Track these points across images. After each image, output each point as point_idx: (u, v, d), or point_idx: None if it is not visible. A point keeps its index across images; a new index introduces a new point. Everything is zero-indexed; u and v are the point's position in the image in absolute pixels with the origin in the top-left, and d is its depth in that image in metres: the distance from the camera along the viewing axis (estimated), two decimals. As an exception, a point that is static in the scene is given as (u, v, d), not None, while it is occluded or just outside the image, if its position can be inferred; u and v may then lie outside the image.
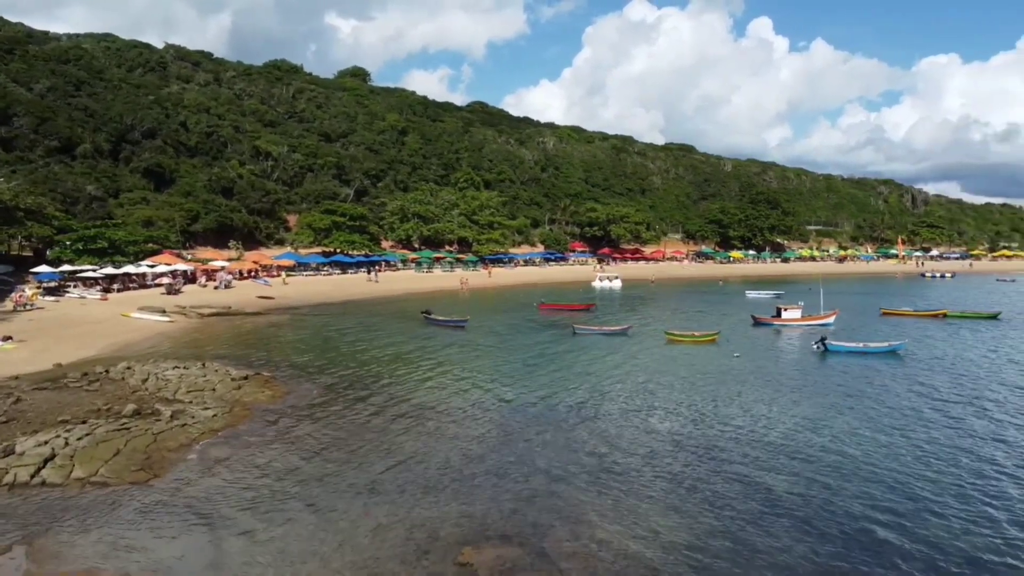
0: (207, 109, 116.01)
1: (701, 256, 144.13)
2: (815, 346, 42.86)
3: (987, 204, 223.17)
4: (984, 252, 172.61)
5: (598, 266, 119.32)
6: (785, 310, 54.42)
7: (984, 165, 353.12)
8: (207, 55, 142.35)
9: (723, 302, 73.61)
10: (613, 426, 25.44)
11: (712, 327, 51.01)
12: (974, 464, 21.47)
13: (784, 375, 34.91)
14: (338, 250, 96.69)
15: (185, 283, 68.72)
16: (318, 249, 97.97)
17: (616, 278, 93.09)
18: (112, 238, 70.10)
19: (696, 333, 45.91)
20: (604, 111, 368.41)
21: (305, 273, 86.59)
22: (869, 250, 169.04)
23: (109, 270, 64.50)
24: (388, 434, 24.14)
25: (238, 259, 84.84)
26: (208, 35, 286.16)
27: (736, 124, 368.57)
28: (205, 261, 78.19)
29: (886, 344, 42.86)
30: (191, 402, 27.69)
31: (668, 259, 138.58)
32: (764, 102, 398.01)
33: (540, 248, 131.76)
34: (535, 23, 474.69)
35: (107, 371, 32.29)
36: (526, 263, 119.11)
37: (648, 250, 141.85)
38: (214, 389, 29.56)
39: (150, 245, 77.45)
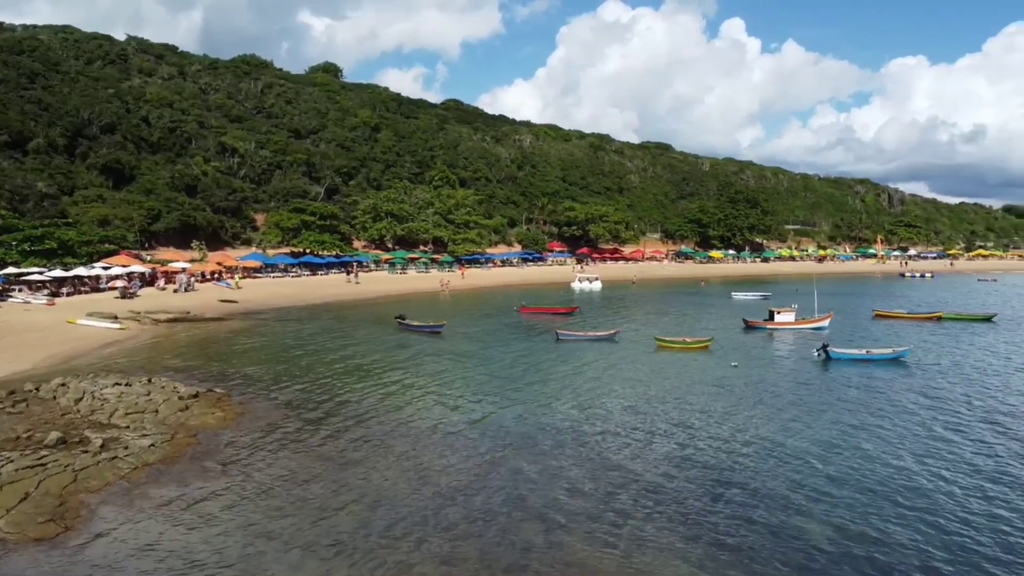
0: (170, 103, 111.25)
1: (681, 256, 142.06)
2: (816, 353, 40.33)
3: (961, 203, 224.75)
4: (960, 252, 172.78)
5: (577, 267, 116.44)
6: (778, 313, 51.84)
7: (951, 165, 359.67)
8: (171, 48, 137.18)
9: (708, 304, 71.09)
10: (608, 453, 22.37)
11: (703, 333, 48.30)
12: (1009, 496, 18.76)
13: (787, 388, 32.06)
14: (307, 250, 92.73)
15: (142, 286, 64.54)
16: (286, 249, 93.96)
17: (596, 279, 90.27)
18: (62, 238, 65.67)
19: (688, 340, 43.04)
20: (578, 111, 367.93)
21: (272, 275, 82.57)
22: (847, 250, 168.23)
23: (58, 272, 60.10)
24: (352, 467, 20.80)
25: (201, 260, 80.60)
26: (179, 32, 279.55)
27: (709, 124, 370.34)
28: (165, 262, 73.88)
29: (890, 351, 40.37)
30: (128, 427, 24.14)
31: (648, 259, 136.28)
32: (737, 102, 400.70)
33: (517, 248, 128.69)
34: (510, 23, 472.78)
35: (37, 389, 28.51)
36: (503, 263, 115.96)
37: (627, 250, 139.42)
38: (157, 411, 25.97)
39: (106, 245, 73.03)
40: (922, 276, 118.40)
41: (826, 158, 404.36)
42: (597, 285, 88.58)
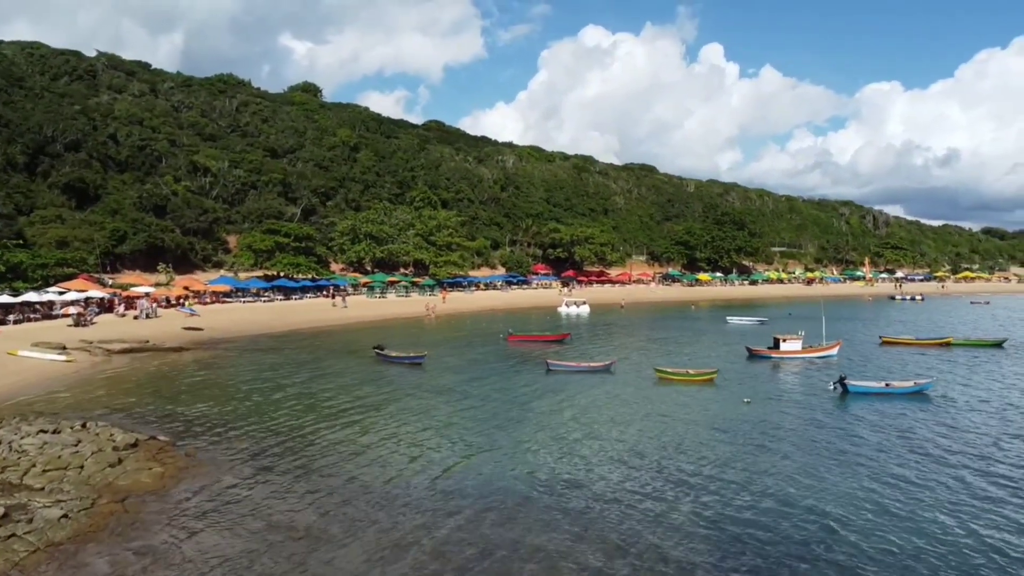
0: (140, 121, 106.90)
1: (668, 279, 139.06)
2: (832, 387, 36.97)
3: (944, 226, 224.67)
4: (947, 274, 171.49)
5: (564, 290, 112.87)
6: (784, 340, 48.46)
7: (925, 188, 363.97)
8: (144, 65, 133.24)
9: (703, 330, 67.73)
10: (615, 518, 18.66)
11: (705, 362, 44.92)
12: None
13: (806, 431, 28.43)
14: (281, 274, 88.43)
15: (100, 312, 60.07)
16: (259, 272, 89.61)
17: (583, 303, 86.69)
18: (12, 261, 61.04)
19: (691, 371, 39.45)
20: (559, 134, 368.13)
21: (243, 299, 78.13)
22: (835, 272, 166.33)
23: (5, 298, 55.48)
24: (313, 546, 16.81)
25: (167, 284, 76.10)
26: (159, 55, 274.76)
27: (689, 148, 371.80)
28: (127, 287, 69.35)
29: (912, 384, 37.01)
30: (43, 489, 20.09)
31: (634, 282, 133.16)
32: (716, 126, 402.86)
33: (501, 271, 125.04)
34: (492, 47, 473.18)
35: (-54, 438, 24.33)
36: (486, 287, 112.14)
37: (614, 273, 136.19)
38: (82, 467, 21.85)
39: (64, 269, 68.39)
40: (912, 299, 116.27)
41: (803, 181, 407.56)
42: (585, 310, 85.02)
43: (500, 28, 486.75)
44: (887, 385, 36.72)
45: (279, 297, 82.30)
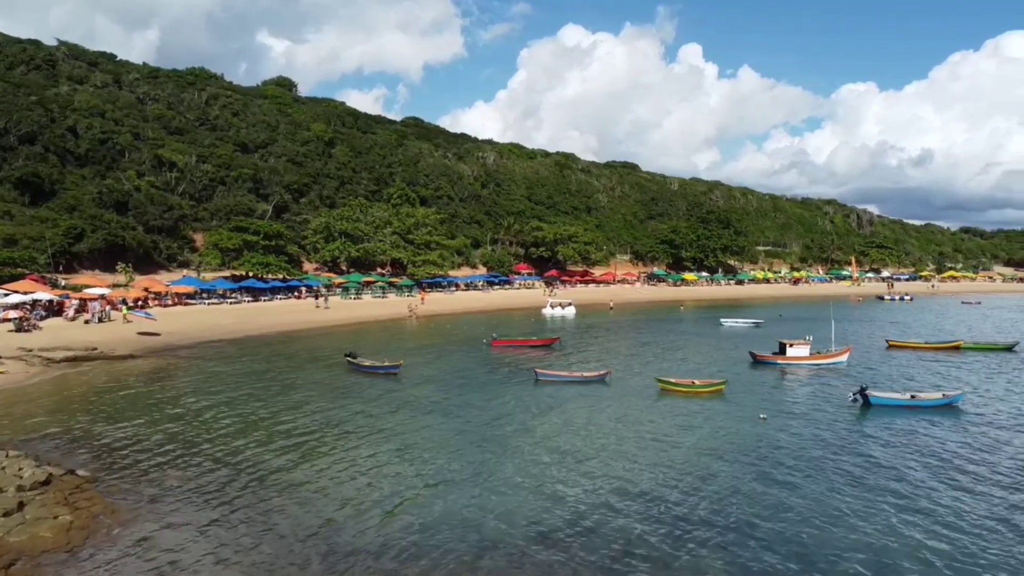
0: (102, 113, 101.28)
1: (653, 278, 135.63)
2: (851, 398, 33.56)
3: (928, 224, 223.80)
4: (932, 273, 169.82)
5: (547, 290, 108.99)
6: (790, 346, 44.91)
7: (900, 188, 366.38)
8: (109, 56, 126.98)
9: (697, 333, 64.11)
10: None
11: (709, 370, 41.30)
12: None
13: (835, 458, 24.76)
14: (250, 274, 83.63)
15: (47, 316, 55.21)
16: (227, 273, 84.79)
17: (569, 304, 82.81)
18: (-52, 260, 56.09)
19: (697, 382, 35.66)
20: (538, 133, 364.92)
21: (207, 301, 73.30)
22: (820, 271, 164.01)
23: (-64, 302, 50.54)
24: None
25: (126, 285, 71.12)
26: (134, 51, 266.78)
27: (667, 147, 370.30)
28: (81, 288, 64.38)
29: (940, 396, 33.51)
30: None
31: (619, 282, 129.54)
32: (694, 126, 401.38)
33: (482, 270, 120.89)
34: (472, 46, 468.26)
35: None
36: (467, 287, 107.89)
37: (598, 272, 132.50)
38: (-29, 515, 17.58)
39: (11, 269, 63.30)
40: (901, 299, 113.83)
41: (780, 181, 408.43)
42: (570, 311, 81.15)
43: (480, 27, 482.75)
44: (912, 397, 33.22)
45: (247, 299, 77.55)
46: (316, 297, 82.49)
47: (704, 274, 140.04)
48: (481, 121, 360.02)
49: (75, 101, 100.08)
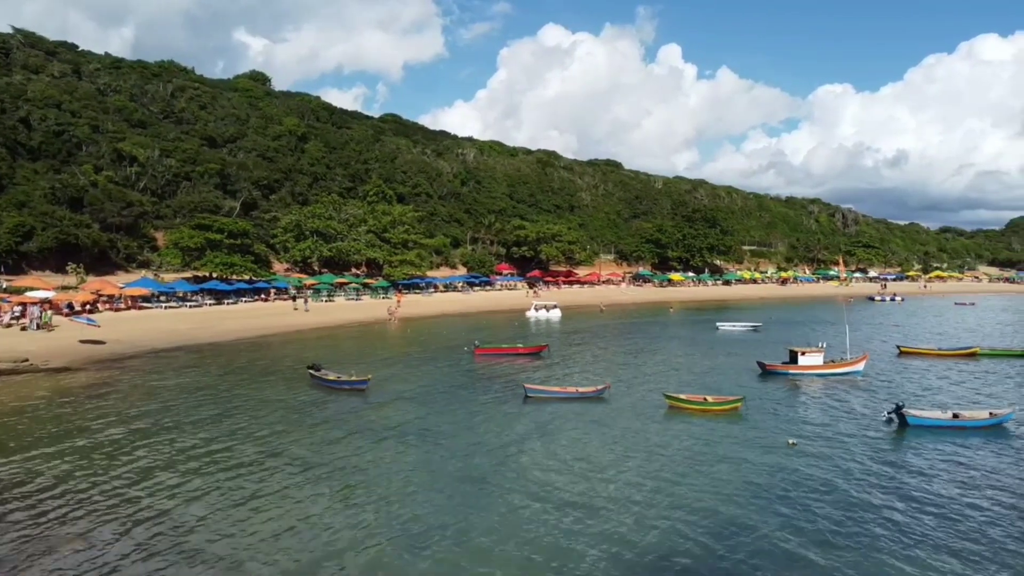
0: (58, 104, 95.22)
1: (639, 279, 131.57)
2: (886, 417, 29.51)
3: (912, 224, 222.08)
4: (918, 273, 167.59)
5: (531, 292, 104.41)
6: (803, 354, 40.76)
7: (875, 189, 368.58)
8: (69, 46, 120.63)
9: (692, 338, 59.90)
10: None
11: (717, 382, 37.04)
12: None
13: (877, 491, 20.80)
14: (214, 274, 78.17)
15: (-20, 322, 49.78)
16: (188, 273, 79.35)
17: (554, 307, 78.34)
18: None
19: (710, 398, 31.30)
20: (518, 133, 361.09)
21: (165, 305, 67.85)
22: (807, 271, 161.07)
23: None
24: None
25: (76, 288, 65.59)
26: (110, 48, 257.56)
27: (647, 148, 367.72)
28: (23, 290, 58.83)
29: (987, 415, 29.43)
30: None
31: (604, 282, 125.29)
32: (674, 127, 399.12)
33: (462, 271, 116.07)
34: (453, 45, 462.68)
35: None
36: (446, 288, 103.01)
37: (582, 272, 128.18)
38: None
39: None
40: (892, 299, 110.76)
41: (758, 181, 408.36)
42: (556, 314, 76.66)
43: (460, 26, 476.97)
44: (955, 416, 29.11)
45: (209, 302, 72.14)
46: (294, 299, 77.48)
47: (690, 274, 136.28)
48: (461, 120, 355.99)
49: (28, 91, 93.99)
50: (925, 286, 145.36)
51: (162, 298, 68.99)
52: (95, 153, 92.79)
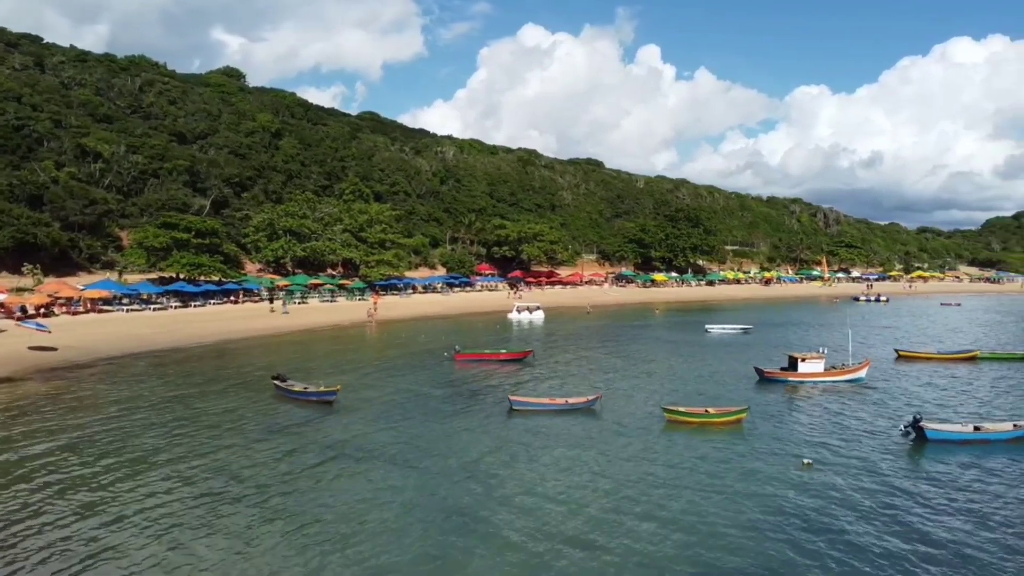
0: (18, 97, 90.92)
1: (622, 279, 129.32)
2: (903, 431, 27.31)
3: (892, 224, 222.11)
4: (900, 273, 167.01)
5: (512, 292, 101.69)
6: (802, 360, 38.49)
7: (851, 190, 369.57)
8: (33, 38, 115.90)
9: (681, 341, 57.50)
10: None
11: (713, 390, 34.65)
12: None
13: (900, 520, 18.47)
14: (180, 275, 74.58)
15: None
16: (154, 274, 75.74)
17: (537, 308, 75.73)
18: None
19: (712, 411, 28.84)
20: (497, 133, 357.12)
21: (127, 308, 64.32)
22: (790, 271, 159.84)
23: None
24: None
25: (31, 289, 61.91)
26: (84, 45, 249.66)
27: (626, 148, 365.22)
28: (-29, 293, 55.20)
29: (1011, 427, 27.33)
30: None
31: (586, 282, 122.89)
32: (653, 127, 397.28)
33: (441, 271, 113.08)
34: (432, 45, 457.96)
35: None
36: (424, 289, 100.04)
37: (564, 272, 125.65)
38: None
39: None
40: (877, 300, 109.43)
41: (736, 182, 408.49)
42: (539, 316, 74.08)
43: (440, 26, 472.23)
44: (977, 429, 26.93)
45: (175, 304, 68.65)
46: (271, 301, 74.23)
47: (674, 275, 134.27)
48: (441, 120, 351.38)
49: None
50: (910, 286, 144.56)
51: (124, 300, 65.44)
52: (57, 149, 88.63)
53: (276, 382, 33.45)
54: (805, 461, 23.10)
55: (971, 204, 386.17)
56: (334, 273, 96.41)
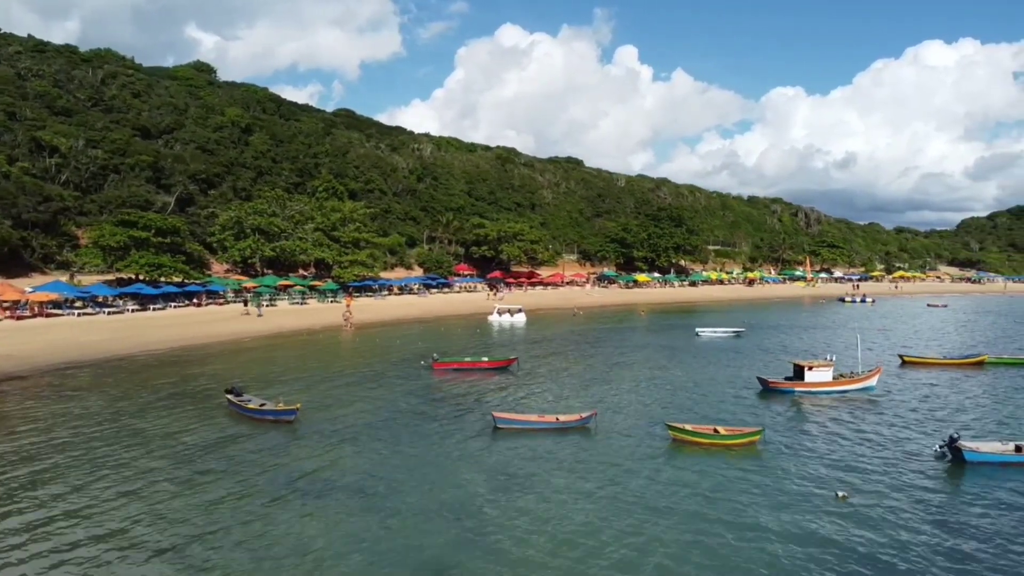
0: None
1: (604, 279, 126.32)
2: (938, 452, 24.25)
3: (872, 224, 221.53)
4: (882, 273, 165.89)
5: (492, 294, 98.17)
6: (809, 369, 35.39)
7: (825, 191, 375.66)
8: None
9: (671, 346, 54.33)
10: None
11: (714, 402, 31.47)
12: None
13: (964, 558, 15.22)
14: (140, 276, 70.15)
15: None
16: (111, 276, 71.28)
17: (519, 310, 72.35)
18: None
19: (722, 430, 25.58)
20: (475, 133, 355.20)
21: (78, 312, 59.89)
22: (772, 272, 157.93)
23: None
24: None
25: (-27, 292, 57.35)
26: (55, 42, 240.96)
27: (603, 148, 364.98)
28: (-96, 296, 50.63)
29: (1056, 447, 24.25)
30: None
31: (568, 283, 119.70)
32: (630, 128, 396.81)
33: (418, 271, 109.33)
34: (410, 44, 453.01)
35: None
36: (400, 291, 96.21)
37: (545, 273, 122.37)
38: None
39: None
40: (863, 301, 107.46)
41: (712, 182, 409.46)
42: (520, 319, 70.71)
43: (418, 25, 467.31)
44: (1019, 450, 23.87)
45: (133, 307, 64.27)
46: (245, 303, 70.32)
47: (656, 275, 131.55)
48: (418, 120, 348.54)
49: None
50: (896, 286, 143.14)
51: (77, 304, 60.97)
52: (10, 142, 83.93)
53: (229, 396, 29.66)
54: (840, 494, 19.87)
55: (942, 205, 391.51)
56: (306, 274, 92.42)
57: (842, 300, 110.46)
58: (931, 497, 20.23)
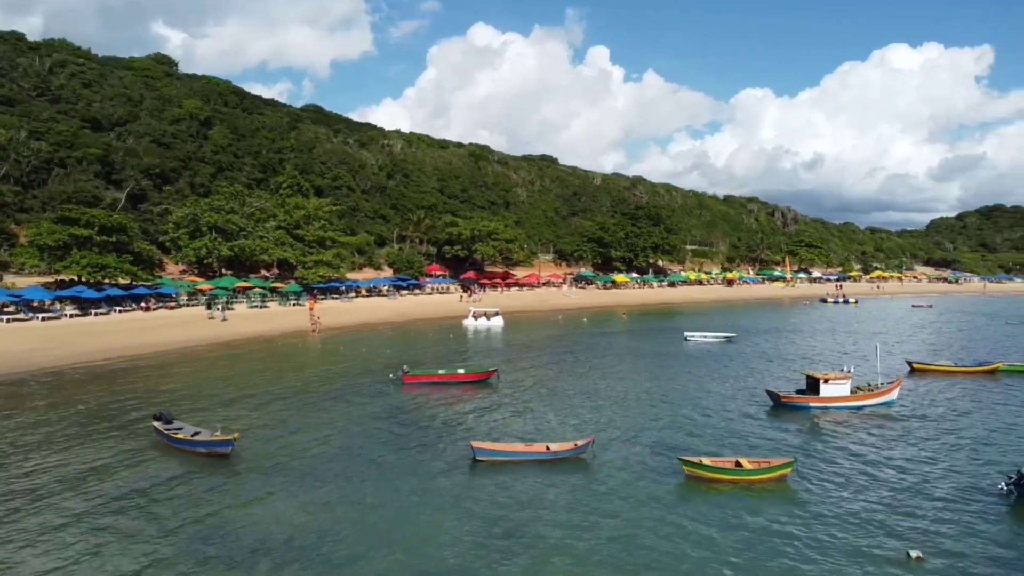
0: None
1: (581, 280, 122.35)
2: (1005, 489, 20.44)
3: (848, 223, 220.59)
4: (859, 273, 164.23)
5: (465, 295, 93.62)
6: (825, 381, 31.53)
7: (794, 191, 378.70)
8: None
9: (661, 352, 50.34)
10: None
11: (733, 425, 27.44)
12: None
13: None
14: (81, 278, 64.48)
15: None
16: (50, 277, 65.56)
17: (496, 314, 67.96)
18: None
19: (746, 463, 21.42)
20: (447, 132, 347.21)
21: (7, 318, 54.18)
22: (751, 271, 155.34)
23: None
24: None
25: None
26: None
27: (575, 148, 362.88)
28: None
29: None
30: None
31: (544, 284, 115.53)
32: (602, 128, 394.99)
33: (388, 272, 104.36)
34: (382, 43, 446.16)
35: None
36: (369, 292, 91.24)
37: (520, 273, 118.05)
38: None
39: None
40: (845, 301, 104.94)
41: (683, 182, 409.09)
42: (498, 322, 66.38)
43: (389, 24, 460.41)
44: (1094, 486, 20.12)
45: (72, 312, 58.67)
46: (209, 307, 65.40)
47: (635, 275, 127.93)
48: (389, 118, 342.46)
49: None
50: (878, 287, 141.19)
51: (8, 309, 55.30)
52: (-57, 133, 77.47)
53: (156, 424, 24.91)
54: (914, 555, 15.85)
55: (907, 205, 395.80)
56: (268, 275, 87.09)
57: (824, 300, 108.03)
58: (1010, 554, 16.32)
